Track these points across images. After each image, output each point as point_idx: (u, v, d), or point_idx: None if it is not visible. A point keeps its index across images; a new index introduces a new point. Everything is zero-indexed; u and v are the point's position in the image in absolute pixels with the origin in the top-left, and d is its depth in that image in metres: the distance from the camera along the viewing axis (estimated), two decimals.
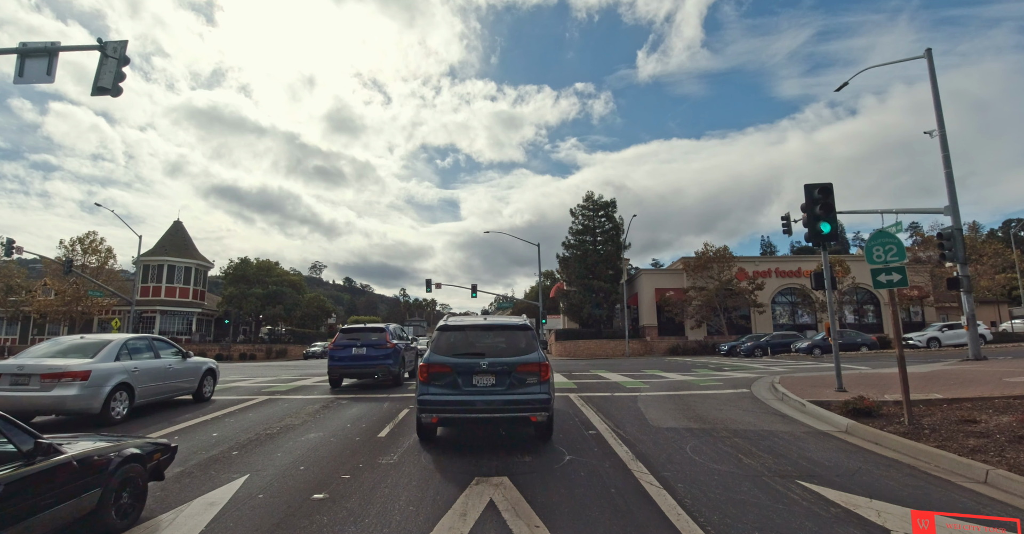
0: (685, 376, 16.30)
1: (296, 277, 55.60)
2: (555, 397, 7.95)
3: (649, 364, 25.14)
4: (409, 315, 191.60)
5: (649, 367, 22.02)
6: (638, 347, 44.67)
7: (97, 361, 9.27)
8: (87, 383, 8.80)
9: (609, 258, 49.12)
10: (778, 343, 33.00)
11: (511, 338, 7.46)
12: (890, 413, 8.90)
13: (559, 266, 53.21)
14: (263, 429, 8.41)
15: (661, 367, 21.79)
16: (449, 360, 6.92)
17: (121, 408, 9.41)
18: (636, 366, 23.10)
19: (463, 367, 6.83)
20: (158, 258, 50.78)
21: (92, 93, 11.11)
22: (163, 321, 50.13)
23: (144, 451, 4.49)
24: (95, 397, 8.88)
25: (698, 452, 6.65)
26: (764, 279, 44.23)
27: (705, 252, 44.33)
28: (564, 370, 21.00)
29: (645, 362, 28.06)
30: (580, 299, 47.87)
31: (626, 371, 19.16)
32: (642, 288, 47.53)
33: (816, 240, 11.24)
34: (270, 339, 54.02)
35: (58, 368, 8.78)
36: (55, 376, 8.68)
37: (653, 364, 25.01)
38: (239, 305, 49.54)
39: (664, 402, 10.83)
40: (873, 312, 47.45)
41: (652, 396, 11.64)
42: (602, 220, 50.64)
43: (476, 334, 7.57)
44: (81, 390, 8.70)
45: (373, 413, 9.87)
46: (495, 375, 6.80)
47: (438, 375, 6.86)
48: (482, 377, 6.80)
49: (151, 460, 4.57)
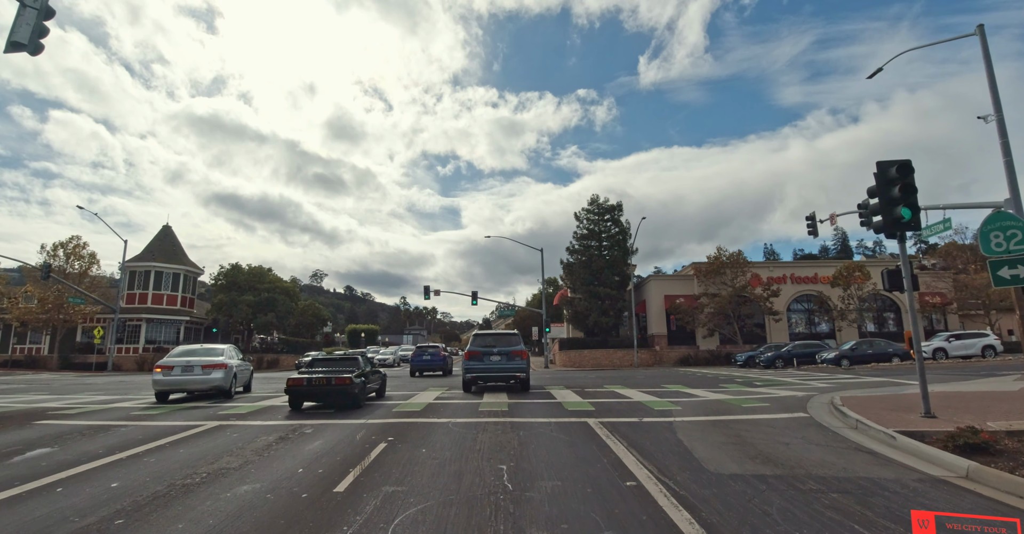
0: (717, 394, 14.08)
1: (289, 284, 53.43)
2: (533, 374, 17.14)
3: (666, 377, 22.91)
4: (409, 323, 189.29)
5: (668, 381, 19.81)
6: (646, 357, 42.42)
7: (227, 358, 15.80)
8: (227, 371, 15.42)
9: (615, 264, 46.98)
10: (801, 353, 30.73)
11: (507, 338, 16.67)
12: (1012, 449, 6.73)
13: (563, 272, 51.06)
14: (184, 475, 6.24)
15: (682, 381, 19.57)
16: (478, 349, 15.90)
17: (233, 388, 16.14)
18: (653, 380, 20.88)
19: (485, 352, 15.77)
20: (145, 264, 48.73)
21: (5, 50, 9.04)
22: (149, 329, 47.98)
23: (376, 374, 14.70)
24: (227, 379, 15.43)
25: (793, 520, 4.47)
26: (779, 285, 42.05)
27: (718, 257, 42.17)
28: (574, 384, 18.79)
29: (660, 374, 25.80)
30: (585, 306, 45.66)
31: (645, 387, 16.93)
32: (650, 295, 45.34)
33: (894, 229, 9.06)
34: (262, 348, 51.77)
35: (213, 361, 15.31)
36: (212, 367, 15.19)
37: (670, 377, 22.78)
38: (229, 313, 47.38)
39: (709, 431, 8.63)
40: (893, 320, 45.17)
41: (691, 422, 9.45)
42: (608, 224, 48.56)
43: (492, 337, 16.93)
44: (225, 374, 15.26)
45: (339, 448, 7.68)
46: (499, 356, 15.70)
47: (474, 356, 15.76)
48: (493, 357, 15.69)
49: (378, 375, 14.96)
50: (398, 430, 9.04)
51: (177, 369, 14.96)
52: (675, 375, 24.86)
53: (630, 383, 18.93)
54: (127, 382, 25.78)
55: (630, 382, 19.50)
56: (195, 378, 15.02)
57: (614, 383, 19.19)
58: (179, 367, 15.01)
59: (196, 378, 15.02)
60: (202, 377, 15.00)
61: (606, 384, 18.45)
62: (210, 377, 15.03)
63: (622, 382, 19.73)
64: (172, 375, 14.88)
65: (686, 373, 26.72)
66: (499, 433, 8.55)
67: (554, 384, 19.40)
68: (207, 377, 15.02)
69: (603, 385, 17.69)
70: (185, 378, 15.00)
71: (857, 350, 27.85)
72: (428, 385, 19.47)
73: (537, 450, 7.35)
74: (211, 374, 15.02)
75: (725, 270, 41.56)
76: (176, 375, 14.93)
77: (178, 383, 15.00)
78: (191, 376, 15.00)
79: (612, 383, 19.22)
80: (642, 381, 20.13)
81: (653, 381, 20.13)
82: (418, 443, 7.93)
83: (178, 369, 14.92)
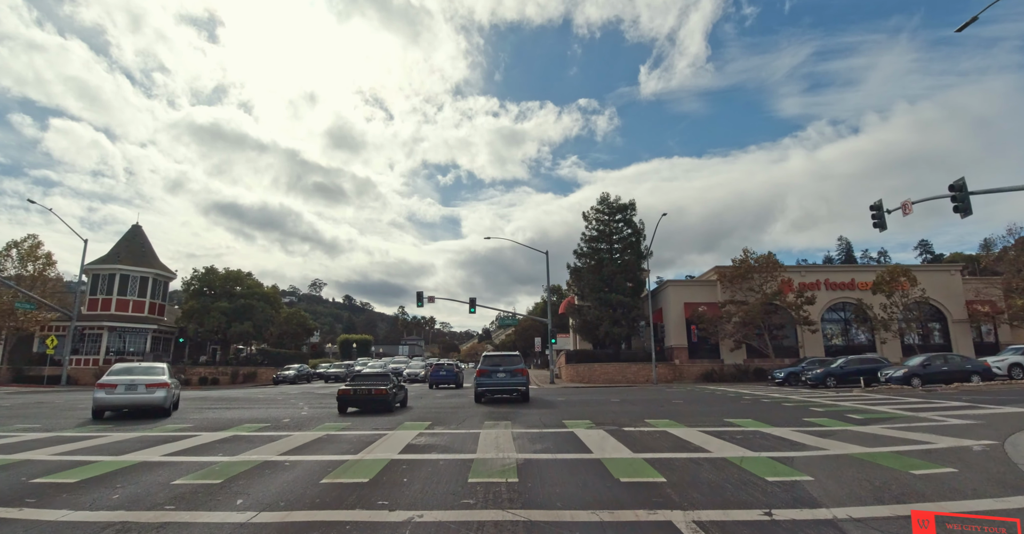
0: (828, 440, 9.42)
1: (270, 290, 48.79)
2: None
3: (711, 403, 18.28)
4: (407, 333, 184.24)
5: (721, 410, 15.20)
6: (665, 372, 37.75)
7: (168, 377, 15.92)
8: (168, 390, 15.57)
9: (628, 268, 42.46)
10: (858, 370, 26.06)
11: (511, 359, 20.29)
12: None
13: (570, 277, 46.50)
14: None
15: (742, 411, 14.97)
16: (487, 367, 19.34)
17: (172, 406, 15.98)
18: (698, 407, 16.27)
19: (492, 370, 19.20)
20: (109, 266, 44.23)
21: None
22: (111, 339, 43.33)
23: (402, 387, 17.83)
24: (168, 399, 15.50)
25: None
26: (813, 292, 37.49)
27: (745, 260, 37.64)
28: (600, 414, 14.19)
29: (697, 397, 21.12)
30: (596, 315, 41.04)
31: (703, 422, 12.31)
32: (668, 303, 40.74)
33: None
34: (237, 361, 47.06)
35: (156, 380, 15.45)
36: (156, 385, 15.30)
37: (717, 403, 18.15)
38: (200, 321, 42.76)
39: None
40: (940, 331, 40.54)
41: (871, 517, 4.88)
42: (619, 225, 44.11)
43: (497, 358, 20.59)
44: (167, 393, 15.42)
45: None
46: (504, 373, 19.09)
47: (484, 374, 19.11)
48: (499, 374, 19.08)
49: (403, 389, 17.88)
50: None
51: (121, 387, 14.91)
52: (718, 399, 20.20)
53: (673, 413, 14.32)
54: (72, 401, 21.11)
55: (672, 412, 14.88)
56: (139, 397, 14.99)
57: (652, 412, 14.58)
58: (123, 385, 14.97)
59: (140, 397, 15.00)
60: (146, 396, 15.05)
61: (645, 416, 13.82)
62: (154, 396, 15.10)
63: (661, 411, 15.11)
64: (116, 393, 14.82)
65: (727, 395, 22.06)
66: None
67: (572, 411, 14.83)
68: (151, 396, 15.08)
69: (644, 419, 13.04)
70: (129, 397, 14.94)
71: (930, 366, 23.22)
72: (414, 416, 14.95)
73: None
74: (155, 393, 15.14)
75: (753, 274, 37.03)
76: (120, 393, 14.86)
77: (121, 401, 14.93)
78: (135, 395, 14.95)
79: (650, 412, 14.61)
80: (686, 409, 15.51)
81: (701, 410, 15.51)
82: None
83: (122, 387, 14.94)
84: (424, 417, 13.97)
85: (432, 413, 15.31)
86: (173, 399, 16.25)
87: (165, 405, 15.27)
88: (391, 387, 15.79)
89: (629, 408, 15.99)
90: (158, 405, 15.08)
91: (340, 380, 43.84)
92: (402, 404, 17.43)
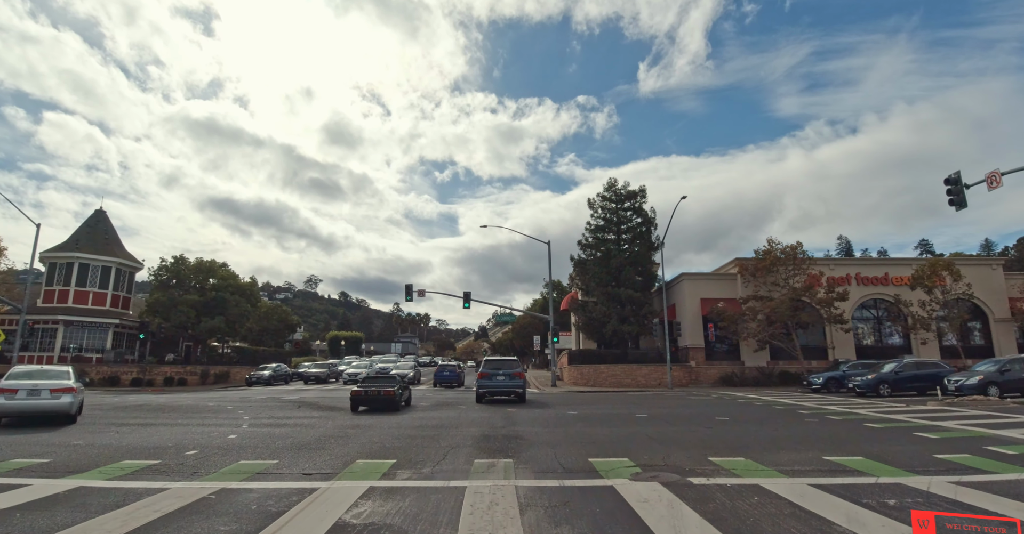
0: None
1: (246, 283, 44.72)
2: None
3: (763, 421, 14.48)
4: (401, 331, 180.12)
5: (802, 438, 11.34)
6: (679, 375, 33.99)
7: (74, 381, 14.63)
8: (75, 395, 14.18)
9: (638, 260, 38.68)
10: (913, 376, 22.33)
11: (509, 363, 21.77)
12: None
13: (573, 270, 42.67)
14: None
15: (825, 438, 11.17)
16: (488, 371, 20.65)
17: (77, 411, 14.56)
18: (768, 434, 12.43)
19: (492, 373, 20.43)
20: (67, 255, 40.16)
21: None
22: (69, 334, 39.30)
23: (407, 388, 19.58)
24: (75, 404, 14.16)
25: None
26: (844, 287, 33.75)
27: (769, 251, 33.85)
28: (637, 443, 10.35)
29: (738, 411, 17.29)
30: (602, 312, 37.24)
31: (795, 464, 8.41)
32: (683, 298, 36.96)
33: None
34: (208, 359, 43.04)
35: (62, 385, 14.00)
36: (61, 390, 13.87)
37: (773, 422, 14.35)
38: (166, 316, 38.74)
39: None
40: (980, 332, 36.86)
41: None
42: (628, 213, 40.30)
43: (497, 362, 21.94)
44: (73, 398, 14.03)
45: None
46: (503, 376, 20.30)
47: (485, 376, 20.33)
48: (499, 377, 20.29)
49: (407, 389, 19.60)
50: None
51: (22, 392, 13.63)
52: (768, 414, 16.41)
53: (736, 442, 10.52)
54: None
55: (733, 439, 11.08)
56: (43, 403, 13.74)
57: (707, 441, 10.74)
58: (24, 390, 13.67)
59: (45, 403, 13.74)
60: (51, 402, 13.79)
61: (702, 447, 9.98)
62: (59, 402, 13.86)
63: (717, 437, 11.29)
64: (16, 399, 13.53)
65: (772, 407, 18.28)
66: None
67: (594, 437, 11.03)
68: (56, 402, 13.83)
69: (704, 454, 9.15)
70: (32, 403, 13.67)
71: (1009, 372, 19.45)
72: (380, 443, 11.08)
73: None
74: (60, 399, 13.90)
75: (778, 267, 33.27)
76: (21, 399, 13.58)
77: (22, 408, 13.65)
78: (39, 401, 13.70)
79: (704, 441, 10.77)
80: (747, 434, 11.71)
81: (766, 434, 11.72)
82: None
83: (23, 392, 13.65)
84: (395, 445, 10.14)
85: (407, 435, 11.48)
86: (79, 405, 14.91)
87: (71, 411, 14.10)
88: (398, 389, 17.47)
89: (668, 431, 12.15)
90: (64, 411, 13.91)
91: (321, 381, 39.94)
92: (407, 403, 19.06)
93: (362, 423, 13.52)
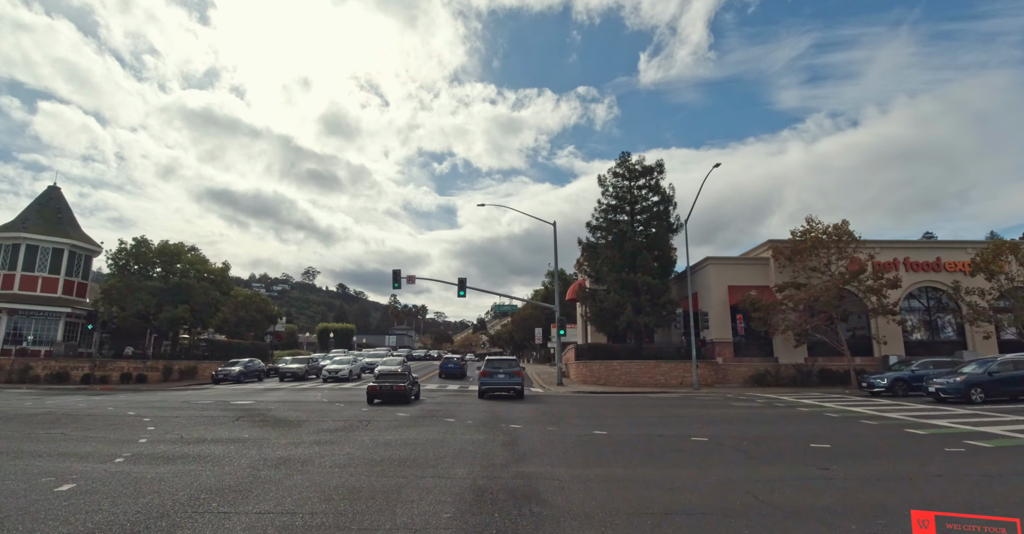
0: None
1: (218, 269, 40.09)
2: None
3: (884, 452, 10.16)
4: (398, 323, 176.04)
5: (987, 493, 7.06)
6: (705, 374, 29.74)
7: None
8: None
9: (655, 244, 34.26)
10: (1010, 376, 18.04)
11: (509, 362, 23.22)
12: None
13: (581, 255, 38.23)
14: None
15: (1007, 493, 6.86)
16: (490, 369, 21.86)
17: None
18: (915, 472, 8.15)
19: (493, 371, 21.75)
20: (12, 235, 35.68)
21: None
22: (12, 324, 34.93)
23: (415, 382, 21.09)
24: None
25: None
26: (895, 273, 29.41)
27: (809, 230, 29.44)
28: (718, 490, 6.02)
29: (824, 428, 12.91)
30: (616, 301, 32.85)
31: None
32: (708, 286, 32.60)
33: None
34: (177, 354, 38.66)
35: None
36: None
37: (891, 450, 10.04)
38: (123, 303, 34.34)
39: None
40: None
41: None
42: (644, 191, 35.81)
43: (498, 361, 23.04)
44: None
45: None
46: (503, 374, 21.65)
47: (487, 374, 21.67)
48: (499, 375, 21.62)
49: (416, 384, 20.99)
50: None
51: None
52: (864, 432, 12.10)
53: (919, 502, 6.20)
54: None
55: (915, 498, 6.78)
56: None
57: (877, 506, 6.45)
58: None
59: None
60: None
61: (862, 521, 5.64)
62: None
63: (880, 500, 6.99)
64: None
65: (859, 421, 13.95)
66: None
67: (644, 484, 6.75)
68: None
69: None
70: None
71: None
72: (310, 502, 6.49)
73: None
74: None
75: (820, 250, 28.90)
76: None
77: None
78: None
79: (876, 507, 6.48)
80: (931, 488, 7.41)
81: (911, 471, 7.42)
82: None
83: None
84: (315, 518, 5.81)
85: (349, 487, 7.17)
86: None
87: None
88: (408, 384, 19.36)
89: (774, 479, 7.76)
90: None
91: (299, 378, 35.65)
92: (416, 397, 20.48)
93: (296, 457, 9.15)
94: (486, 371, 21.93)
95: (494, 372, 21.75)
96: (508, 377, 21.57)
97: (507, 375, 21.62)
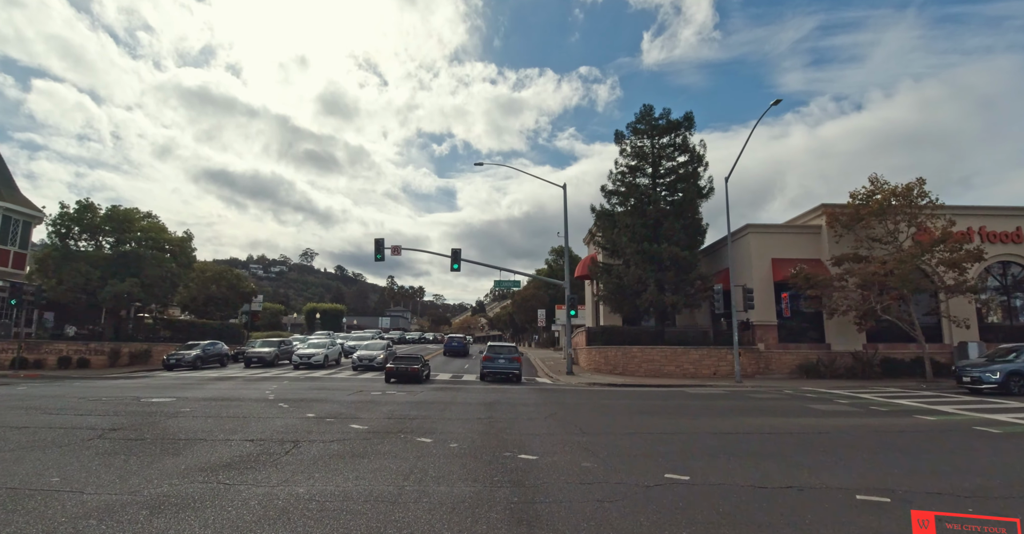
0: None
1: (178, 238, 34.94)
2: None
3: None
4: (394, 304, 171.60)
5: None
6: (744, 362, 24.97)
7: None
8: None
9: (683, 210, 29.24)
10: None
11: (509, 349, 24.78)
12: None
13: (595, 224, 33.29)
14: None
15: None
16: (491, 355, 23.36)
17: None
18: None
19: (494, 356, 23.34)
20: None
21: None
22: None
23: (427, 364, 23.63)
24: None
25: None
26: (975, 244, 24.50)
27: (873, 192, 24.43)
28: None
29: (984, 463, 8.12)
30: (636, 277, 27.99)
31: None
32: (749, 258, 27.62)
33: None
34: (124, 335, 33.79)
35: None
36: None
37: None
38: (60, 276, 29.38)
39: None
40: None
41: None
42: (669, 150, 30.69)
43: (499, 347, 24.67)
44: None
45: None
46: (504, 360, 23.16)
47: (488, 359, 23.19)
48: (500, 360, 23.14)
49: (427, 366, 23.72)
50: None
51: None
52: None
53: None
54: None
55: None
56: None
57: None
58: None
59: None
60: None
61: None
62: None
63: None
64: None
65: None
66: None
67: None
68: None
69: None
70: None
71: None
72: None
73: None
74: None
75: (888, 216, 23.94)
76: None
77: None
78: None
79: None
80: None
81: None
82: None
83: None
84: None
85: None
86: None
87: None
88: (421, 367, 21.44)
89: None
90: None
91: (267, 363, 30.83)
92: (427, 378, 22.93)
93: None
94: (488, 356, 23.62)
95: (495, 357, 23.44)
96: (508, 362, 23.24)
97: (507, 360, 23.31)
